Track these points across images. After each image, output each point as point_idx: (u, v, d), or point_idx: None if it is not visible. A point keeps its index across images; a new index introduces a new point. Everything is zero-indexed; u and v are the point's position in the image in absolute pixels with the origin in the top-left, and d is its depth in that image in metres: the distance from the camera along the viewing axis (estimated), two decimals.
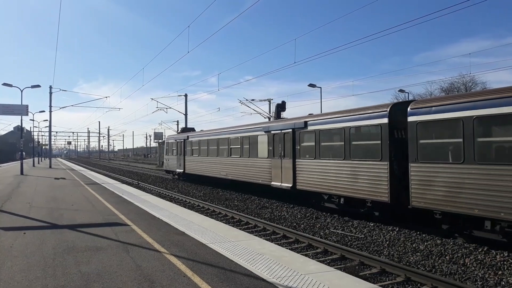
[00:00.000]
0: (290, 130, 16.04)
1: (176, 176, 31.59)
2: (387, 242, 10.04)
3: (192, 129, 32.38)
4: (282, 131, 16.63)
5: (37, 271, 6.01)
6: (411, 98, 44.45)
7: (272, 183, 17.06)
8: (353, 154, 12.78)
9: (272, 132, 17.36)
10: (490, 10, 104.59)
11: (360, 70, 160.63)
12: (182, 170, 28.86)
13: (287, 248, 8.61)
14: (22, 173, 31.35)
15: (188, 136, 28.50)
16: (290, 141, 15.92)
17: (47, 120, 47.44)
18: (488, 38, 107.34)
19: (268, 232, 11.62)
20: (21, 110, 31.07)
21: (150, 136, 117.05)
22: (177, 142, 30.36)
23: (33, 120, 60.55)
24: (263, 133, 18.15)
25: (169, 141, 33.23)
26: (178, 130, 69.04)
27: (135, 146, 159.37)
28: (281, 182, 16.37)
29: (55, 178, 26.71)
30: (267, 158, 17.59)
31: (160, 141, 24.60)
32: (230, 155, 21.34)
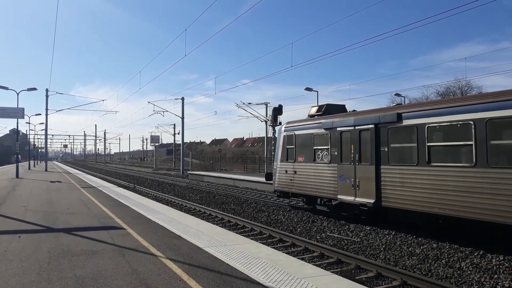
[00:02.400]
0: None
1: (325, 208, 14.61)
2: (383, 246, 10.05)
3: (342, 107, 15.93)
4: None
5: (32, 275, 5.96)
6: (407, 102, 44.65)
7: None
8: None
9: None
10: (485, 15, 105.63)
11: (357, 74, 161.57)
12: (372, 200, 11.89)
13: (283, 252, 8.60)
14: (17, 176, 31.18)
15: (400, 115, 11.23)
16: None
17: (43, 123, 47.31)
18: (484, 43, 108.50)
19: (264, 235, 11.60)
20: (17, 113, 30.93)
21: (146, 139, 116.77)
22: (341, 133, 13.43)
23: (29, 123, 60.92)
24: None
25: (298, 132, 15.74)
26: (174, 132, 67.55)
27: (131, 150, 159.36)
28: None
29: (51, 181, 26.57)
30: None
31: (286, 131, 16.31)
32: None
